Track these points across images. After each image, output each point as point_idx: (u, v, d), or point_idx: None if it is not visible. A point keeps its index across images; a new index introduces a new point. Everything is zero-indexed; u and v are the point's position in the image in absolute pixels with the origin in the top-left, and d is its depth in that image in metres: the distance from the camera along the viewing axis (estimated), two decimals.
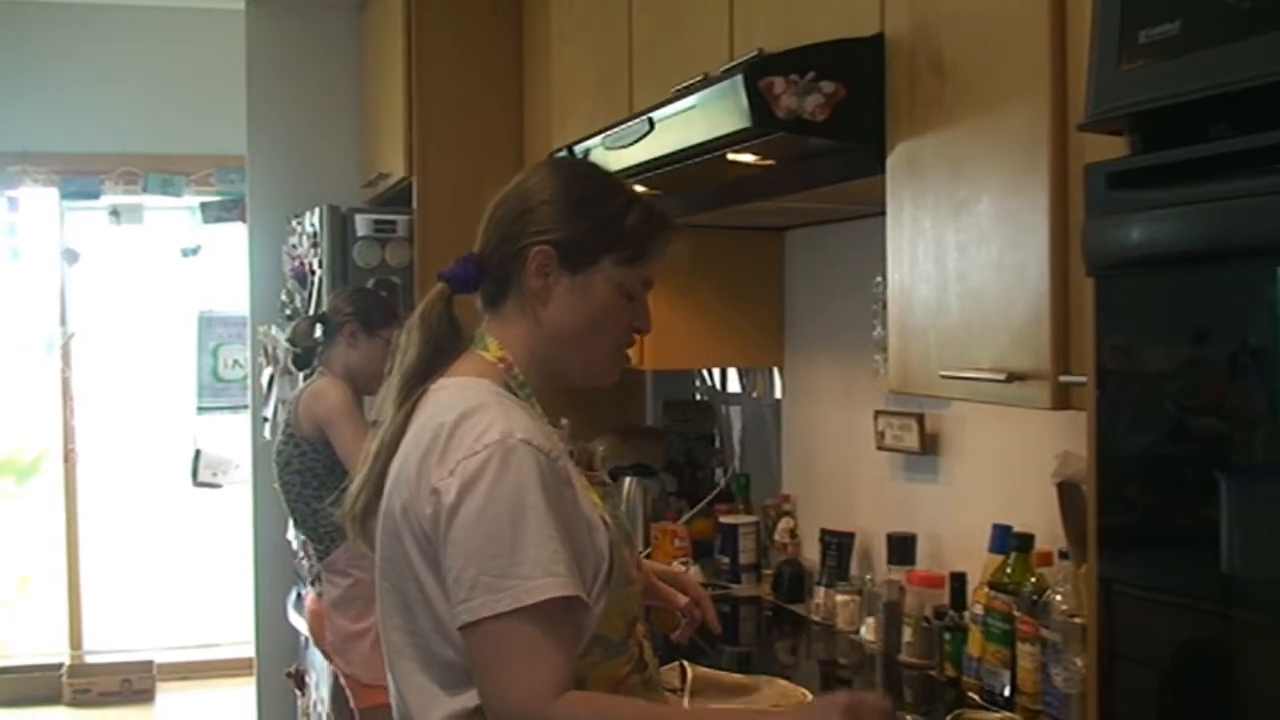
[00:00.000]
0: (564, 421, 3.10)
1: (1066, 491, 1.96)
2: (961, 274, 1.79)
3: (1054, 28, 1.60)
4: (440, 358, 1.58)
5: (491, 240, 1.59)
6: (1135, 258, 1.23)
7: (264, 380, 4.37)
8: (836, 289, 2.95)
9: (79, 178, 5.46)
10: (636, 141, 2.35)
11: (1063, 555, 2.01)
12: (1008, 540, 2.17)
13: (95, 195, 5.49)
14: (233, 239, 5.25)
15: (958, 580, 2.32)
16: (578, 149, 2.64)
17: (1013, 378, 1.67)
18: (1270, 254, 1.07)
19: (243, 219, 4.82)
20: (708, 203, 2.70)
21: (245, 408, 4.90)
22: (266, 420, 4.28)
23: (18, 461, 6.09)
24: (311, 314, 3.69)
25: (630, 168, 2.39)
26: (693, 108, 2.14)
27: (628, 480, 3.41)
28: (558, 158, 2.72)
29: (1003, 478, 2.38)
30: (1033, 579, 2.09)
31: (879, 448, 2.72)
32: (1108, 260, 1.26)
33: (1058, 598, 1.98)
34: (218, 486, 5.48)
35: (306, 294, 4.01)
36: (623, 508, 3.27)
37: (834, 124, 1.94)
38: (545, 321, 1.57)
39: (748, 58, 2.07)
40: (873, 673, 2.46)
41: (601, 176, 1.67)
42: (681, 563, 3.01)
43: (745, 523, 3.07)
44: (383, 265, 3.79)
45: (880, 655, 2.50)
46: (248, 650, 4.78)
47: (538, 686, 1.38)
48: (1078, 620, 1.90)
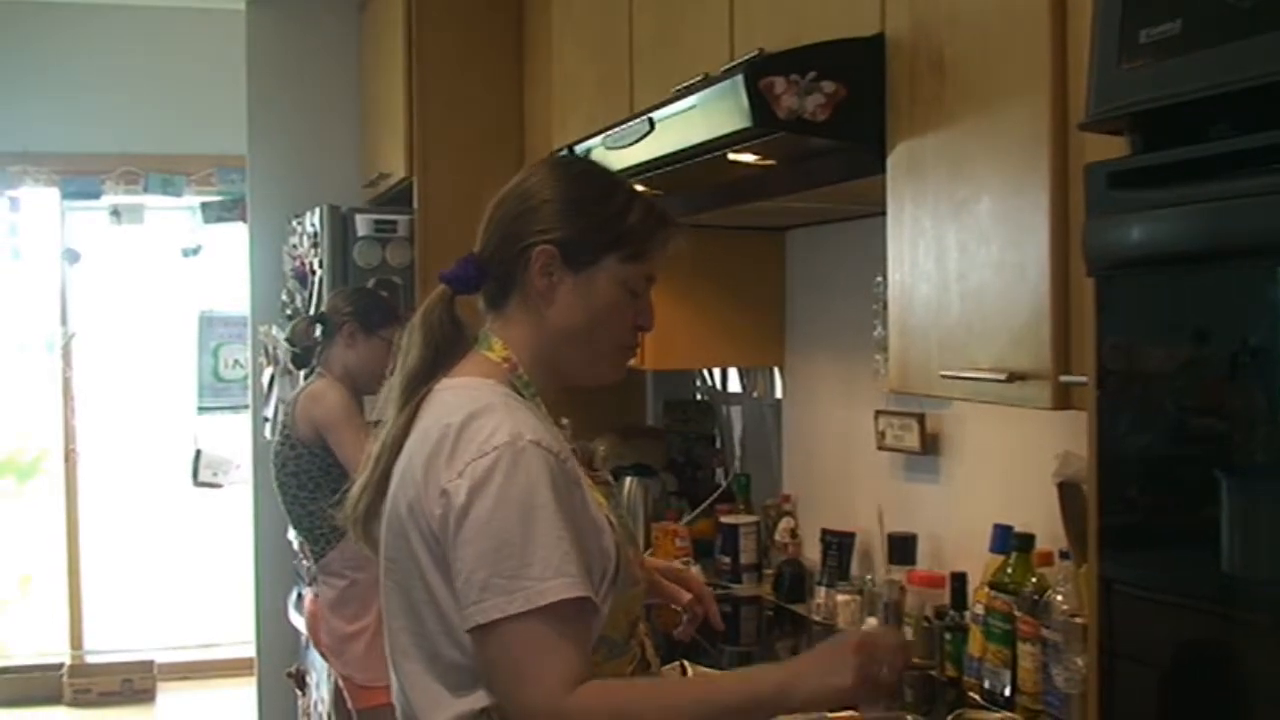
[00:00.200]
0: (565, 421, 3.09)
1: (1067, 491, 1.96)
2: (962, 274, 1.79)
3: (1054, 27, 1.60)
4: (442, 359, 1.57)
5: (492, 241, 1.59)
6: (1136, 257, 1.23)
7: (264, 380, 4.37)
8: (837, 289, 2.95)
9: (80, 178, 5.46)
10: (637, 141, 2.35)
11: (1063, 555, 2.01)
12: (1008, 540, 2.17)
13: (96, 195, 5.49)
14: (233, 239, 5.25)
15: (958, 580, 2.31)
16: (578, 149, 2.64)
17: (1013, 378, 1.67)
18: (1270, 254, 1.07)
19: (243, 219, 4.82)
20: (708, 203, 2.70)
21: (246, 408, 4.90)
22: (267, 420, 4.27)
23: (18, 461, 6.09)
24: (310, 314, 3.68)
25: (631, 168, 2.38)
26: (693, 108, 2.14)
27: (628, 480, 3.40)
28: (557, 157, 2.71)
29: (1003, 478, 2.38)
30: (1033, 579, 2.09)
31: (879, 448, 2.72)
32: (1108, 260, 1.26)
33: (1058, 598, 1.98)
34: (218, 486, 5.48)
35: (307, 294, 4.00)
36: (624, 508, 3.26)
37: (834, 124, 1.94)
38: (550, 321, 1.57)
39: (748, 58, 2.07)
40: None
41: (601, 175, 1.67)
42: (683, 563, 3.00)
43: (746, 523, 3.07)
44: (383, 265, 3.79)
45: None
46: (248, 650, 4.78)
47: (553, 682, 1.37)
48: (1078, 620, 1.89)
